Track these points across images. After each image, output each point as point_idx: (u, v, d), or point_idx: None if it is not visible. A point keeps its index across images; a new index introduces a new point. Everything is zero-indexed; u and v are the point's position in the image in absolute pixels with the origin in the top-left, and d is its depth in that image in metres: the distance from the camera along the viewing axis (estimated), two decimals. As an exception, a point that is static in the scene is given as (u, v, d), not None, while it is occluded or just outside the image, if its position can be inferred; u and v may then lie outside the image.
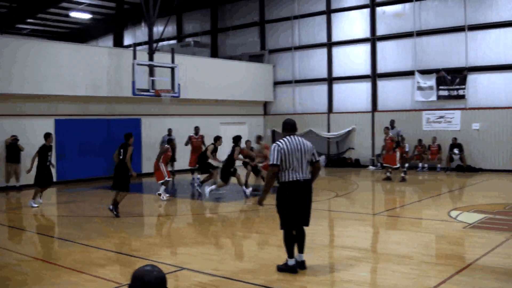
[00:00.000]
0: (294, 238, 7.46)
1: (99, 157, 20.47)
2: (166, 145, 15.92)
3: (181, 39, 31.23)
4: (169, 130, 20.19)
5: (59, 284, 7.24)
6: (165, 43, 30.06)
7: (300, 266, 7.46)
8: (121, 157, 12.53)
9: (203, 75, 23.69)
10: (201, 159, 16.39)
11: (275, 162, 7.25)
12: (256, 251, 9.30)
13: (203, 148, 18.48)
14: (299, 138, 7.48)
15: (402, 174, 18.63)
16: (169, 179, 15.52)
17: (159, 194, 15.21)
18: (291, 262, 7.39)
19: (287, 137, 7.44)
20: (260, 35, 28.13)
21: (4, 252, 9.13)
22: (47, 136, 14.17)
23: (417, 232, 10.51)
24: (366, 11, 24.42)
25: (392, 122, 20.81)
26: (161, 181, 15.26)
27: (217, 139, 16.11)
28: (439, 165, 21.74)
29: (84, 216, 12.98)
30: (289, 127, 7.55)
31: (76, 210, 14.00)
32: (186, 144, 19.18)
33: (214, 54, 29.00)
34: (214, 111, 25.11)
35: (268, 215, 12.07)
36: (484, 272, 7.33)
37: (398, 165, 18.61)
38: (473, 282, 6.87)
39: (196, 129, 19.38)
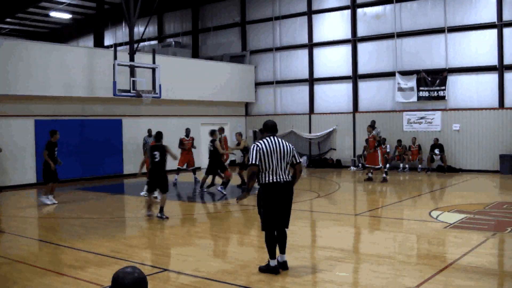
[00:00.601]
0: (276, 239, 7.46)
1: (76, 157, 20.31)
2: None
3: (162, 39, 31.11)
4: (149, 131, 20.04)
5: (35, 287, 7.15)
6: (146, 43, 29.97)
7: (282, 267, 7.46)
8: (156, 159, 11.99)
9: (184, 76, 23.63)
10: (214, 162, 16.20)
11: (253, 162, 7.28)
12: (238, 252, 9.28)
13: (193, 150, 18.78)
14: (279, 139, 7.48)
15: (384, 175, 18.73)
16: None
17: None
18: (273, 263, 7.39)
19: (267, 138, 7.46)
20: (241, 36, 28.11)
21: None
22: (53, 133, 14.41)
23: (398, 232, 10.58)
24: (347, 12, 24.52)
25: (373, 123, 20.91)
26: None
27: (214, 132, 16.32)
28: (420, 166, 21.92)
29: (64, 217, 12.84)
30: (270, 128, 7.56)
31: (55, 211, 13.84)
32: (180, 147, 19.14)
33: (195, 54, 28.91)
34: (195, 111, 25.02)
35: (249, 216, 12.06)
36: (465, 272, 7.37)
37: (380, 165, 18.67)
38: (453, 282, 6.92)
39: (187, 130, 19.38)
